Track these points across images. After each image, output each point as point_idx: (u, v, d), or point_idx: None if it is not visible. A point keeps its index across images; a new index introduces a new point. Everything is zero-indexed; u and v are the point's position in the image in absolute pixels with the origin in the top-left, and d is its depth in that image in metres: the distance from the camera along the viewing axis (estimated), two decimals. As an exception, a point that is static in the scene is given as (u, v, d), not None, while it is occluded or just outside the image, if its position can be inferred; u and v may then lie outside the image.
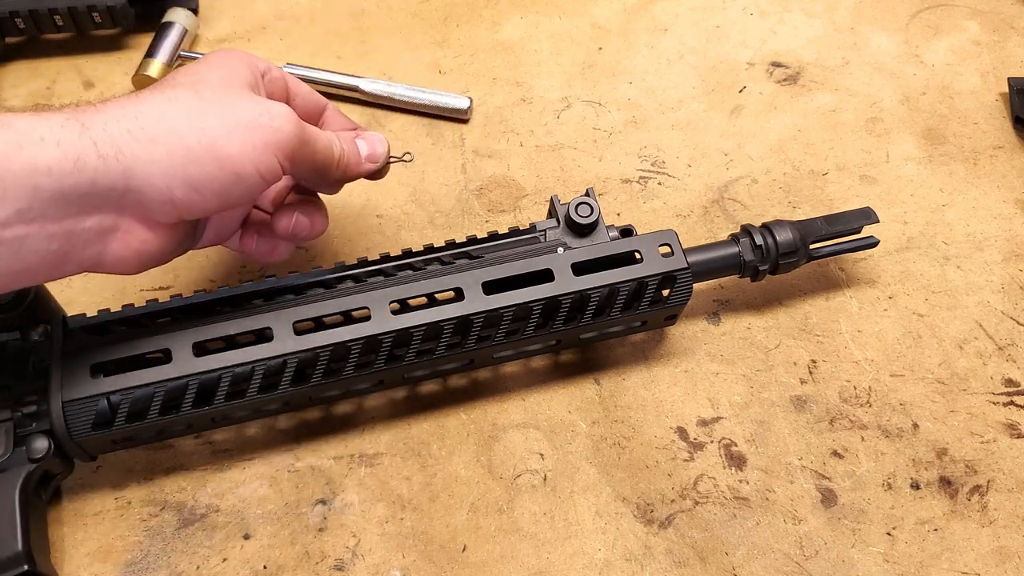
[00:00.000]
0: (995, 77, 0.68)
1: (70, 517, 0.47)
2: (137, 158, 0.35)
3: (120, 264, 0.38)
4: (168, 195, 0.36)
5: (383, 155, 0.47)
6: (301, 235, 0.45)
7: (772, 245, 0.51)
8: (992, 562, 0.47)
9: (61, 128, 0.33)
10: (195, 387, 0.42)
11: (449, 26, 0.70)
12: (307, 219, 0.45)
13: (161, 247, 0.39)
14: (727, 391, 0.52)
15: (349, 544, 0.47)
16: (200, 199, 0.37)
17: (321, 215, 0.46)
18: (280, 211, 0.45)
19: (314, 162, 0.41)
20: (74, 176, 0.33)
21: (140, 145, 0.35)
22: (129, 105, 0.36)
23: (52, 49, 0.67)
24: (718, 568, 0.46)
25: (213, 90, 0.38)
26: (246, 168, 0.37)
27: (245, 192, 0.38)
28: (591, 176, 0.62)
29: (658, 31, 0.70)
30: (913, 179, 0.62)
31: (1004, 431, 0.51)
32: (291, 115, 0.39)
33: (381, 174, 0.48)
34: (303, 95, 0.46)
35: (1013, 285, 0.57)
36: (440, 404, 0.51)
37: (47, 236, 0.34)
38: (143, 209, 0.36)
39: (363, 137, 0.46)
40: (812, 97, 0.66)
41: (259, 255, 0.46)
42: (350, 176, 0.45)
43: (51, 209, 0.34)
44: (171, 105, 0.36)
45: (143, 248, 0.38)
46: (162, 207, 0.36)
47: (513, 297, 0.45)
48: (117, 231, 0.37)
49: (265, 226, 0.46)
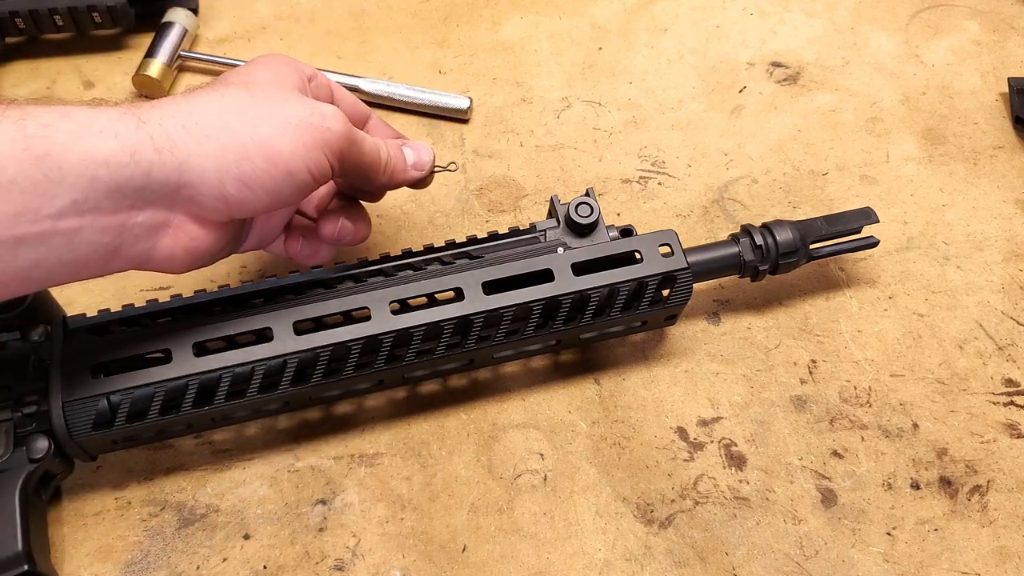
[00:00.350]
0: (995, 77, 0.68)
1: (70, 517, 0.47)
2: (191, 153, 0.35)
3: (169, 261, 0.38)
4: (220, 191, 0.36)
5: (429, 163, 0.47)
6: (346, 240, 0.46)
7: (772, 245, 0.51)
8: (992, 562, 0.47)
9: (119, 121, 0.34)
10: (195, 387, 0.42)
11: (449, 26, 0.70)
12: (351, 224, 0.46)
13: (210, 246, 0.39)
14: (727, 391, 0.52)
15: (349, 544, 0.47)
16: (252, 196, 0.37)
17: (364, 221, 0.47)
18: (325, 216, 0.46)
19: (361, 164, 0.42)
20: (130, 168, 0.34)
21: (194, 140, 0.35)
22: (184, 102, 0.36)
23: (52, 49, 0.67)
24: (718, 568, 0.46)
25: (264, 90, 0.38)
26: (297, 166, 0.37)
27: (295, 190, 0.38)
28: (591, 176, 0.62)
29: (658, 31, 0.70)
30: (913, 179, 0.62)
31: (1004, 431, 0.51)
32: (341, 115, 0.39)
33: (426, 183, 0.48)
34: (348, 103, 0.47)
35: (1013, 285, 0.57)
36: (440, 404, 0.51)
37: (100, 229, 0.34)
38: (195, 205, 0.37)
39: (409, 145, 0.47)
40: (812, 97, 0.66)
41: (302, 258, 0.47)
42: (396, 182, 0.45)
43: (106, 201, 0.34)
44: (224, 102, 0.37)
45: (192, 246, 0.38)
46: (214, 203, 0.37)
47: (513, 297, 0.45)
48: (168, 227, 0.37)
49: (309, 230, 0.47)
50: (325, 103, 0.40)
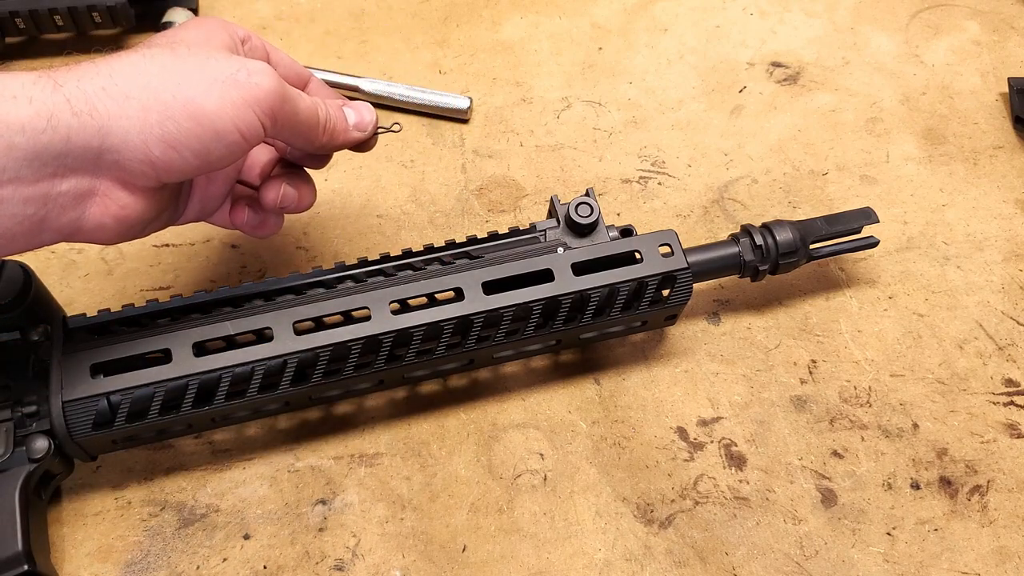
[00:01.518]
0: (995, 77, 0.68)
1: (70, 517, 0.47)
2: (112, 115, 0.34)
3: (100, 231, 0.37)
4: (145, 153, 0.35)
5: (371, 123, 0.45)
6: (289, 206, 0.45)
7: (772, 245, 0.51)
8: (992, 562, 0.47)
9: (33, 85, 0.33)
10: (195, 387, 0.42)
11: (449, 26, 0.70)
12: (294, 190, 0.44)
13: (142, 213, 0.37)
14: (727, 391, 0.52)
15: (349, 544, 0.47)
16: (179, 158, 0.36)
17: (309, 187, 0.46)
18: (267, 183, 0.44)
19: (297, 123, 0.40)
20: (48, 134, 0.32)
21: (114, 102, 0.34)
22: (103, 64, 0.35)
23: (52, 49, 0.67)
24: (718, 568, 0.46)
25: (190, 49, 0.37)
26: (225, 125, 0.36)
27: (225, 151, 0.37)
28: (591, 176, 0.62)
29: (658, 31, 0.70)
30: (913, 179, 0.62)
31: (1004, 431, 0.51)
32: (271, 72, 0.38)
33: (369, 145, 0.46)
34: (285, 64, 0.45)
35: (1013, 285, 0.57)
36: (440, 404, 0.51)
37: (23, 199, 0.33)
38: (121, 171, 0.35)
39: (349, 106, 0.45)
40: (812, 97, 0.66)
41: (248, 228, 0.45)
42: (337, 142, 0.44)
43: (25, 170, 0.33)
44: (146, 62, 0.35)
45: (123, 214, 0.37)
46: (140, 167, 0.35)
47: (513, 297, 0.45)
48: (95, 195, 0.36)
49: (254, 200, 0.45)
50: (255, 60, 0.38)
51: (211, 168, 0.37)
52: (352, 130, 0.44)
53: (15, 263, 0.42)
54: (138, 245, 0.56)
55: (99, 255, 0.56)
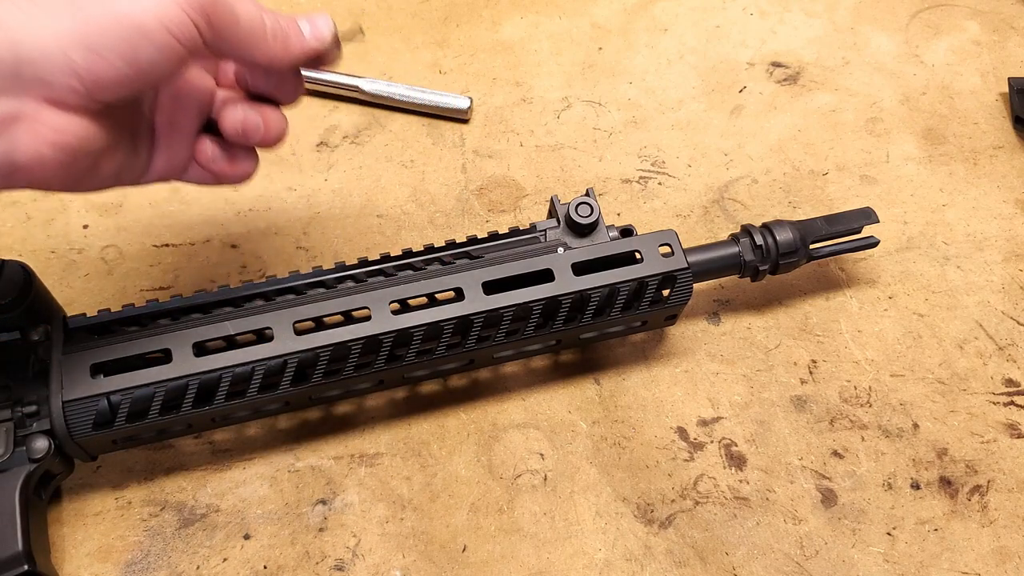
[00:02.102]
0: (995, 77, 0.68)
1: (70, 517, 0.47)
2: (21, 24, 0.31)
3: (40, 166, 0.33)
4: (67, 62, 0.32)
5: (328, 31, 0.41)
6: (254, 135, 0.41)
7: (772, 245, 0.51)
8: (992, 562, 0.47)
9: None
10: (195, 387, 0.42)
11: (449, 26, 0.70)
12: (257, 116, 0.41)
13: (82, 140, 0.34)
14: (727, 391, 0.52)
15: (349, 544, 0.47)
16: (105, 64, 0.32)
17: (276, 114, 0.42)
18: (225, 106, 0.41)
19: (238, 28, 0.36)
20: None
21: (21, 10, 0.31)
22: None
23: None
24: (718, 568, 0.46)
25: None
26: (150, 23, 0.33)
27: (157, 54, 0.33)
28: (591, 176, 0.62)
29: (658, 31, 0.70)
30: (913, 179, 0.62)
31: (1004, 431, 0.51)
32: None
33: (331, 57, 0.42)
34: None
35: (1013, 285, 0.57)
36: (440, 404, 0.51)
37: None
38: (45, 86, 0.32)
39: (303, 18, 0.41)
40: (812, 97, 0.66)
41: (217, 167, 0.42)
42: (294, 53, 0.40)
43: None
44: None
45: (60, 140, 0.33)
46: (65, 79, 0.32)
47: (513, 297, 0.45)
48: (23, 119, 0.32)
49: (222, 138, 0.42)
50: None
51: (148, 78, 0.34)
52: (309, 40, 0.40)
53: (15, 263, 0.42)
54: (138, 245, 0.56)
55: (99, 255, 0.56)
